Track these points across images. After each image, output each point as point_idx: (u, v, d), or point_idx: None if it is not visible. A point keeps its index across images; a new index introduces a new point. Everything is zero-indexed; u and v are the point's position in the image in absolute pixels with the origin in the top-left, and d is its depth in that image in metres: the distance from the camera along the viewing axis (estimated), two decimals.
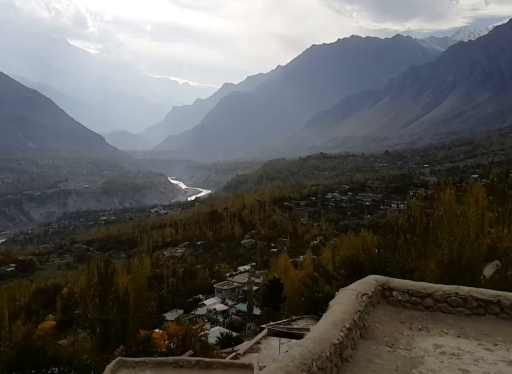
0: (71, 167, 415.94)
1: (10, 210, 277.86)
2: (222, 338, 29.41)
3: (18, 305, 47.97)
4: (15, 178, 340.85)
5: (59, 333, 34.42)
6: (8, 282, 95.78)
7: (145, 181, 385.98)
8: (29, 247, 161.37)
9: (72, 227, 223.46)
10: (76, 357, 17.01)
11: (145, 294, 38.18)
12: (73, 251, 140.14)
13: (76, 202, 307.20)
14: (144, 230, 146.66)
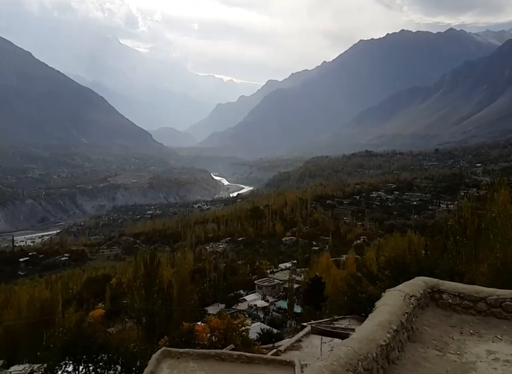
0: (121, 162, 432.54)
1: (65, 203, 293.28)
2: (262, 334, 29.60)
3: (71, 292, 50.60)
4: (69, 172, 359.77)
5: (108, 321, 35.96)
6: (62, 270, 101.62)
7: (189, 177, 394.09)
8: (82, 238, 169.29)
9: (121, 220, 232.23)
10: (124, 345, 17.71)
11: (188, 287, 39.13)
12: (121, 243, 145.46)
13: (124, 196, 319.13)
14: (187, 225, 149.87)
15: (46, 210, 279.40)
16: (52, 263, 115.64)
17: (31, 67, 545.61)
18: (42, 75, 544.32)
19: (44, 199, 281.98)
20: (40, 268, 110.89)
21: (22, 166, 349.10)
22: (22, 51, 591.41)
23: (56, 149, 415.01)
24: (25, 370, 21.90)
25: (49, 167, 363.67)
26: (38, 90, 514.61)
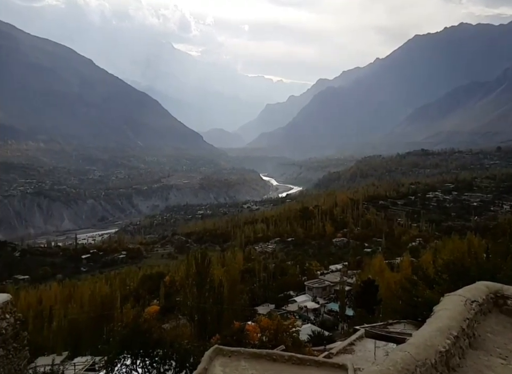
0: (173, 163, 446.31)
1: (122, 203, 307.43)
2: (313, 336, 29.33)
3: (128, 289, 52.93)
4: (126, 173, 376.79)
5: (162, 317, 37.21)
6: (120, 267, 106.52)
7: (238, 177, 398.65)
8: (137, 237, 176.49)
9: (173, 220, 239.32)
10: (178, 341, 18.22)
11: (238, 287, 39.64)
12: (174, 242, 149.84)
13: (176, 196, 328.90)
14: (237, 225, 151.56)
15: (105, 209, 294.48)
16: (111, 261, 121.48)
17: (92, 74, 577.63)
18: (102, 81, 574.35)
19: (104, 199, 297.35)
20: (100, 264, 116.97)
21: (84, 168, 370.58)
22: (84, 59, 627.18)
23: (115, 152, 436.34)
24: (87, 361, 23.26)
25: (108, 169, 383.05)
26: (99, 95, 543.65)
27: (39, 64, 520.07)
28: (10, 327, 10.11)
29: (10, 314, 10.30)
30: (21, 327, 10.77)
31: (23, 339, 10.56)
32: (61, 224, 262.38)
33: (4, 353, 9.46)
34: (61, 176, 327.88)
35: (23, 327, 10.98)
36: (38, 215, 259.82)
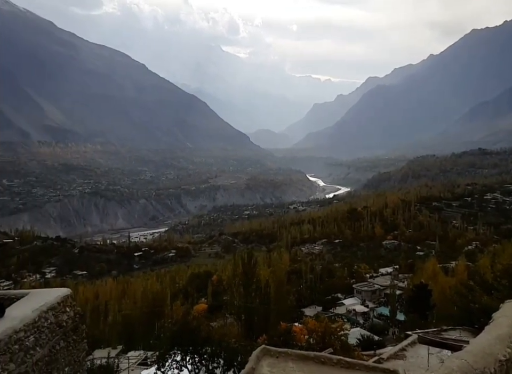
0: (220, 164, 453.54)
1: (172, 203, 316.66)
2: (362, 340, 28.69)
3: (178, 286, 54.40)
4: (175, 174, 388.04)
5: (210, 316, 37.90)
6: (169, 265, 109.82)
7: (285, 178, 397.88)
8: (186, 236, 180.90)
9: (220, 220, 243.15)
10: (225, 340, 18.49)
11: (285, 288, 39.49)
12: (221, 241, 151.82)
13: (223, 196, 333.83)
14: (283, 225, 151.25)
15: (156, 209, 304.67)
16: (161, 259, 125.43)
17: (145, 79, 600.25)
18: (154, 85, 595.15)
19: (154, 199, 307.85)
20: (151, 262, 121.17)
21: (136, 169, 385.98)
22: (137, 64, 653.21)
23: (165, 153, 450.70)
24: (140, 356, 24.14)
25: (159, 169, 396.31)
26: (151, 99, 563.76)
27: (97, 70, 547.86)
28: (70, 320, 10.62)
29: (70, 307, 10.82)
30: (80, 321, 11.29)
31: (82, 332, 11.09)
32: (116, 222, 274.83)
33: (65, 345, 9.98)
34: (116, 176, 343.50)
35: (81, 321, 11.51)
36: (94, 214, 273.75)
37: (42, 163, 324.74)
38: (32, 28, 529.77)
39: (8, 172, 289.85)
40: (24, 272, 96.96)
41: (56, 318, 9.93)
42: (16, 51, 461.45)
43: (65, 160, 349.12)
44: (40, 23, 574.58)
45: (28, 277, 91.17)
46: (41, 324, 9.30)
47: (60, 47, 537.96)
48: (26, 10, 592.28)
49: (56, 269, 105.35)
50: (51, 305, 9.88)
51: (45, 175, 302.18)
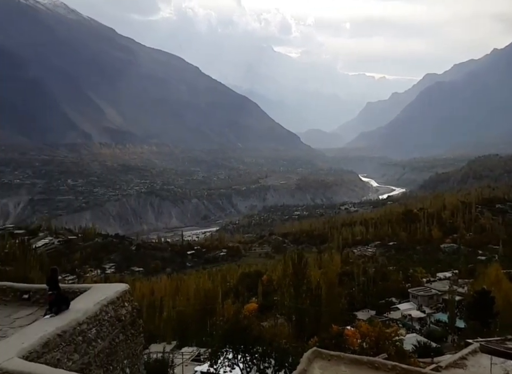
0: (271, 164, 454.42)
1: (223, 202, 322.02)
2: (419, 346, 27.53)
3: (229, 285, 55.14)
4: (227, 174, 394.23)
5: (261, 315, 38.03)
6: (221, 264, 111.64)
7: (336, 178, 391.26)
8: (236, 235, 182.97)
9: (270, 220, 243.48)
10: (276, 340, 18.45)
11: (336, 290, 38.82)
12: (271, 242, 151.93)
13: (273, 196, 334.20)
14: (334, 226, 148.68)
15: (208, 208, 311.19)
16: (213, 257, 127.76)
17: (198, 81, 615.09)
18: (207, 88, 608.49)
19: (206, 199, 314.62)
20: (203, 261, 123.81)
21: (189, 169, 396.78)
22: (191, 66, 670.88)
23: (217, 154, 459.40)
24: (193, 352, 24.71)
25: (211, 170, 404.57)
26: (204, 101, 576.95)
27: (154, 74, 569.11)
28: (129, 314, 11.01)
29: (128, 302, 11.23)
30: (137, 315, 11.69)
31: (139, 326, 11.49)
32: (170, 221, 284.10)
33: (123, 338, 10.39)
34: (170, 176, 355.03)
35: (139, 315, 11.92)
36: (150, 213, 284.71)
37: (103, 164, 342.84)
38: (95, 35, 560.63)
39: (73, 172, 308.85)
40: (87, 267, 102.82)
41: (115, 312, 10.37)
42: (80, 57, 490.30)
43: (123, 160, 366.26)
44: (102, 30, 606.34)
45: (90, 272, 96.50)
46: (102, 317, 9.75)
47: (119, 52, 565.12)
48: (90, 18, 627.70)
49: (115, 265, 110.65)
50: (111, 299, 10.33)
51: (105, 175, 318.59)
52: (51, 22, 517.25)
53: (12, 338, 7.98)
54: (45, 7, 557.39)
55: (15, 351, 6.97)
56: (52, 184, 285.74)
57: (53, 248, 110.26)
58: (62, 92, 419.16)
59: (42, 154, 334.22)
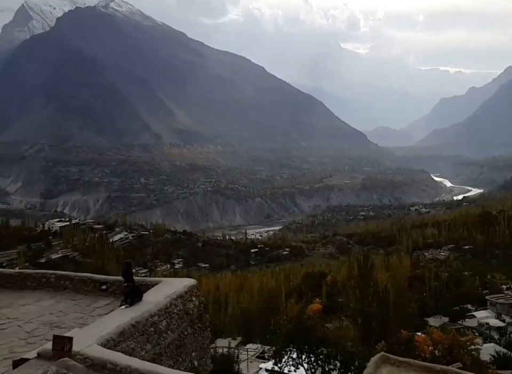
0: (335, 163, 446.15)
1: (286, 202, 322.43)
2: (497, 357, 25.48)
3: (292, 285, 54.99)
4: (290, 173, 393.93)
5: (325, 316, 37.50)
6: (283, 263, 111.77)
7: (405, 178, 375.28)
8: (300, 235, 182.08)
9: (334, 220, 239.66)
10: (341, 342, 18.06)
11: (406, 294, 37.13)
12: (335, 242, 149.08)
13: (337, 196, 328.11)
14: (403, 228, 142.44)
15: (271, 207, 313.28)
16: (276, 256, 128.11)
17: (263, 81, 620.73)
18: (272, 87, 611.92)
19: (269, 198, 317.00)
20: (266, 259, 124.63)
21: (253, 168, 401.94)
22: (257, 66, 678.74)
23: (280, 153, 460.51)
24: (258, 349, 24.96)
25: (274, 169, 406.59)
26: (268, 100, 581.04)
27: (221, 75, 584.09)
28: (196, 309, 11.36)
29: (195, 297, 11.59)
30: (204, 310, 12.03)
31: (206, 320, 11.82)
32: (234, 219, 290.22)
33: (191, 331, 10.74)
34: (234, 175, 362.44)
35: (205, 310, 12.25)
36: (215, 211, 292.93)
37: (172, 163, 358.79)
38: (167, 40, 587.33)
39: (145, 171, 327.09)
40: (157, 261, 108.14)
41: (184, 305, 10.76)
42: (153, 62, 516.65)
43: (191, 160, 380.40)
44: (174, 34, 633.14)
45: (160, 266, 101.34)
46: (171, 310, 10.16)
47: (189, 56, 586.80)
48: (163, 24, 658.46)
49: (183, 260, 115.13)
50: (180, 293, 10.74)
51: (174, 174, 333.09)
52: (128, 29, 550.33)
53: (92, 326, 8.55)
54: (123, 14, 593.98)
55: (94, 339, 7.45)
56: (126, 182, 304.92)
57: (127, 242, 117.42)
58: (137, 96, 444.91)
59: (119, 154, 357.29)
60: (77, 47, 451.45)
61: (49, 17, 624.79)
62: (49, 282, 12.88)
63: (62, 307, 11.46)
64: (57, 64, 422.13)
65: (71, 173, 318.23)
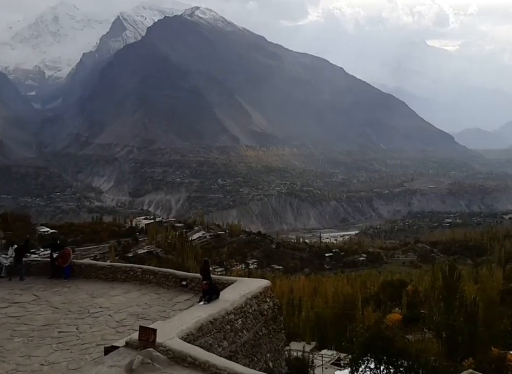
0: (417, 166, 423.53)
1: (363, 206, 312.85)
2: None
3: (369, 292, 53.02)
4: (367, 176, 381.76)
5: (405, 327, 35.68)
6: (359, 269, 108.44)
7: (498, 183, 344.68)
8: (377, 241, 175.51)
9: (416, 227, 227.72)
10: (423, 356, 16.99)
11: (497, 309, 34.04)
12: (417, 250, 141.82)
13: (420, 201, 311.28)
14: (494, 237, 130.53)
15: (347, 211, 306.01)
16: (351, 262, 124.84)
17: (341, 82, 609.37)
18: (350, 88, 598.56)
19: (345, 201, 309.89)
20: (341, 264, 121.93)
21: (328, 171, 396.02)
22: (335, 67, 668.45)
23: (357, 155, 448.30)
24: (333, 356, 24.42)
25: (350, 172, 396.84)
26: (346, 101, 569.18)
27: (299, 77, 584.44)
28: (270, 310, 11.41)
29: (270, 298, 11.64)
30: (278, 312, 12.03)
31: (280, 322, 11.80)
32: (308, 222, 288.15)
33: (266, 332, 10.79)
34: (309, 178, 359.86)
35: (279, 312, 12.25)
36: (289, 213, 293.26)
37: (248, 165, 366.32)
38: (247, 44, 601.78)
39: (222, 173, 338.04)
40: (233, 261, 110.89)
41: (258, 306, 10.85)
42: (233, 66, 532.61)
43: (266, 162, 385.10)
44: (253, 38, 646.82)
45: (236, 266, 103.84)
46: (247, 310, 10.30)
47: (268, 59, 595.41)
48: (243, 29, 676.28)
49: (257, 261, 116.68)
50: (255, 294, 10.85)
51: (250, 176, 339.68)
52: (210, 35, 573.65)
53: (173, 320, 8.96)
54: (206, 21, 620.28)
55: (176, 332, 7.79)
56: (205, 183, 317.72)
57: (205, 241, 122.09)
58: (216, 99, 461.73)
59: (198, 156, 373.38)
60: (164, 53, 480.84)
61: (141, 27, 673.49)
62: (136, 275, 13.80)
63: (147, 300, 12.20)
64: (146, 70, 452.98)
65: (156, 174, 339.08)
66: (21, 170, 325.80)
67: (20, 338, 9.90)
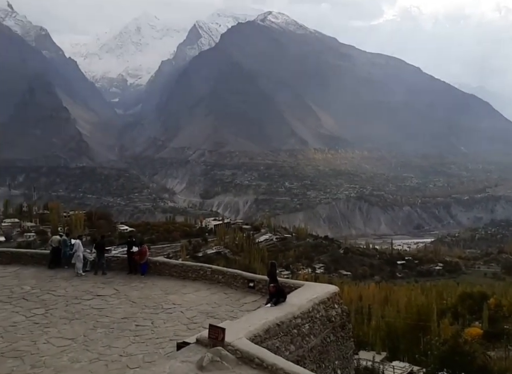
0: (503, 171, 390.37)
1: (439, 212, 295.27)
2: None
3: (445, 303, 49.90)
4: (445, 181, 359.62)
5: (486, 343, 33.04)
6: (435, 279, 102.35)
7: None
8: (455, 249, 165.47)
9: (500, 235, 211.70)
10: None
11: None
12: (500, 261, 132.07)
13: (504, 209, 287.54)
14: None
15: (421, 217, 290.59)
16: (426, 271, 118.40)
17: (418, 82, 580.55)
18: (427, 88, 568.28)
19: (420, 207, 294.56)
20: (415, 273, 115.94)
21: (401, 175, 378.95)
22: (412, 68, 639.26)
23: (434, 159, 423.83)
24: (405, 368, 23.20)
25: (426, 176, 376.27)
26: (422, 102, 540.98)
27: (370, 77, 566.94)
28: (338, 317, 11.14)
29: (338, 304, 11.37)
30: (347, 319, 11.73)
31: (349, 330, 11.48)
32: (378, 227, 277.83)
33: (334, 339, 10.55)
34: (380, 182, 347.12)
35: (348, 319, 11.93)
36: (358, 217, 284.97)
37: (316, 168, 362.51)
38: (318, 46, 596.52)
39: (290, 176, 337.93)
40: (299, 265, 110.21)
41: (326, 312, 10.64)
42: (303, 69, 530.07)
43: (334, 165, 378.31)
44: (325, 41, 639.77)
45: (302, 269, 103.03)
46: (314, 315, 10.15)
47: (339, 60, 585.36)
48: (315, 31, 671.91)
49: (324, 266, 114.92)
50: (322, 299, 10.66)
51: (317, 179, 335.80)
52: (282, 39, 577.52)
53: (241, 320, 9.09)
54: (278, 25, 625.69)
55: (244, 333, 7.90)
56: (272, 185, 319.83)
57: (271, 243, 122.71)
58: (285, 102, 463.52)
59: (266, 159, 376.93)
60: (236, 59, 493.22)
61: (215, 34, 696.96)
62: (206, 275, 14.26)
63: (216, 299, 12.55)
64: (218, 76, 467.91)
65: (225, 176, 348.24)
66: (105, 172, 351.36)
67: (102, 329, 10.67)
